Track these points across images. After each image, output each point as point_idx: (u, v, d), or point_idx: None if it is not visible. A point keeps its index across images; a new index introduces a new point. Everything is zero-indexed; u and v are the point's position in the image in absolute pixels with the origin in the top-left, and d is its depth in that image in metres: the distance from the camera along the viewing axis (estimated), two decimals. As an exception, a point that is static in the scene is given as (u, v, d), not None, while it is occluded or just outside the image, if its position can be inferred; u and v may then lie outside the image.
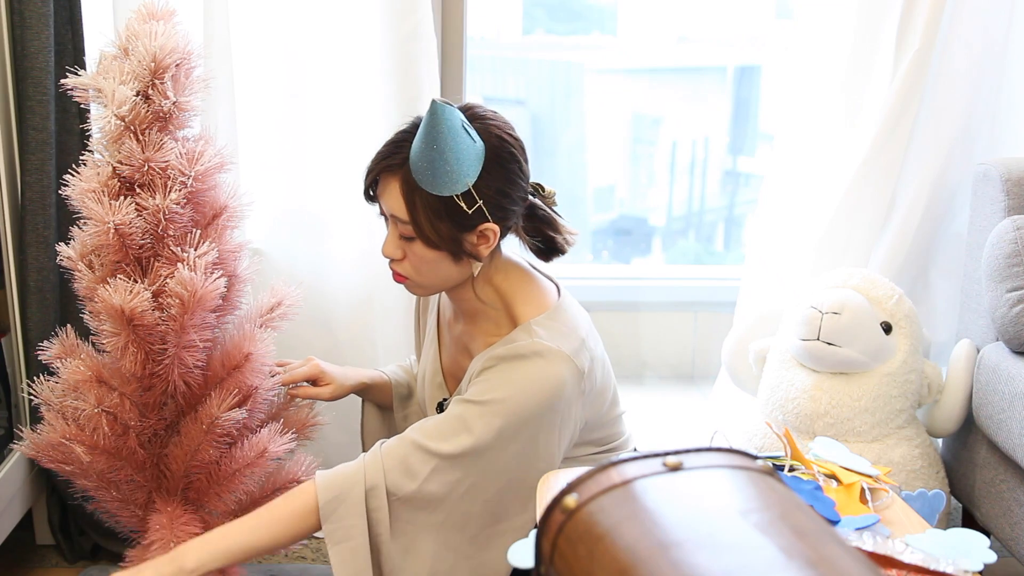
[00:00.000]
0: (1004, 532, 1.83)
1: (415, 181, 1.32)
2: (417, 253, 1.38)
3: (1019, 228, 1.81)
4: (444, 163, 1.30)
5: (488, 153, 1.34)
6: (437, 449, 1.36)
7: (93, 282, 1.45)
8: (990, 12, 2.04)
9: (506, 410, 1.34)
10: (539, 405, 1.35)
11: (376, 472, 1.37)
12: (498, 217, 1.36)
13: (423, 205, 1.33)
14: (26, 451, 1.54)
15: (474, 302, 1.45)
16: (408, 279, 1.43)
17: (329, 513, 1.34)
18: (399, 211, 1.36)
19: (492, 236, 1.37)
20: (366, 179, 1.41)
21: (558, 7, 3.11)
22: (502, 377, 1.36)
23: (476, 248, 1.38)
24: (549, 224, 1.48)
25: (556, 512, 0.69)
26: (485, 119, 1.37)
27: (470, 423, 1.35)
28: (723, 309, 2.47)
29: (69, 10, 1.77)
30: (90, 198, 1.41)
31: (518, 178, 1.38)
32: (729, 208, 3.33)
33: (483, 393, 1.36)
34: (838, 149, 2.09)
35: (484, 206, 1.34)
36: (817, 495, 1.29)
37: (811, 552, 0.61)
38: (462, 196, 1.32)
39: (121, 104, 1.39)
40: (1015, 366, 1.76)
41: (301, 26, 1.94)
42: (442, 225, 1.34)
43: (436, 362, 1.57)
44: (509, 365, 1.36)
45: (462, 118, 1.33)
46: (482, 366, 1.39)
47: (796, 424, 1.92)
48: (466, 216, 1.33)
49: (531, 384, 1.35)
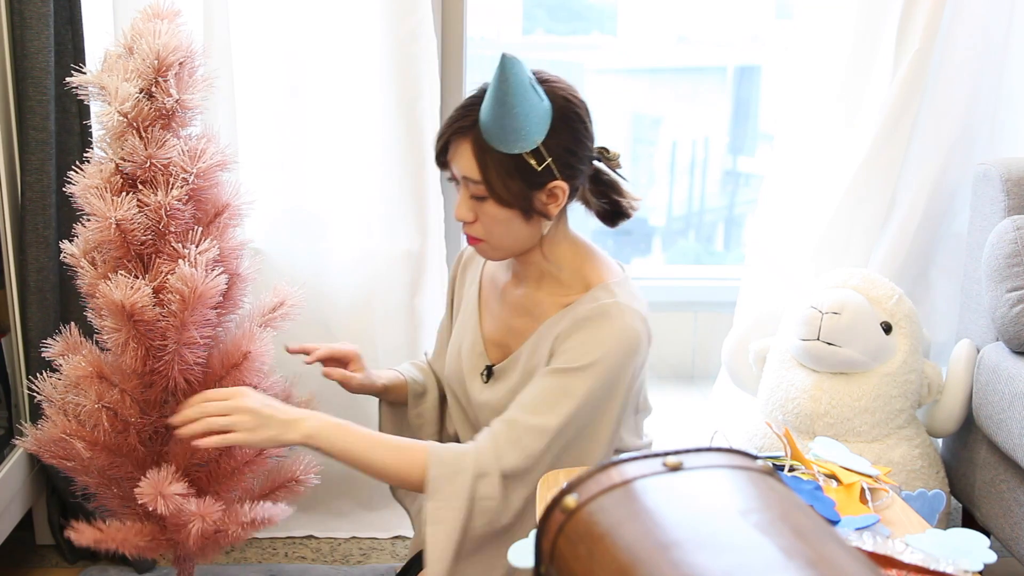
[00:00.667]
0: (1004, 532, 1.83)
1: (486, 141, 1.36)
2: (489, 213, 1.41)
3: (1019, 228, 1.81)
4: (513, 120, 1.34)
5: (555, 113, 1.38)
6: (547, 424, 1.38)
7: (95, 278, 1.46)
8: (990, 12, 2.04)
9: (599, 369, 1.39)
10: (625, 357, 1.40)
11: (489, 460, 1.38)
12: (566, 175, 1.40)
13: (494, 164, 1.37)
14: (27, 447, 1.54)
15: (543, 264, 1.48)
16: (482, 241, 1.45)
17: (435, 491, 1.36)
18: (471, 172, 1.39)
19: (561, 194, 1.41)
20: (437, 144, 1.44)
21: (558, 7, 3.11)
22: (591, 338, 1.40)
23: (546, 207, 1.41)
24: (614, 188, 1.51)
25: (556, 512, 0.69)
26: (550, 82, 1.41)
27: (570, 389, 1.39)
28: (723, 309, 2.48)
29: (69, 10, 1.77)
30: (93, 194, 1.42)
31: (584, 138, 1.42)
32: (729, 208, 3.32)
33: (576, 357, 1.40)
34: (838, 149, 2.09)
35: (553, 164, 1.37)
36: (817, 495, 1.29)
37: (811, 552, 0.61)
38: (531, 154, 1.36)
39: (124, 101, 1.40)
40: (1015, 366, 1.76)
41: (301, 26, 1.95)
42: (513, 183, 1.37)
43: (476, 332, 1.58)
44: (596, 324, 1.40)
45: (530, 75, 1.37)
46: (569, 329, 1.42)
47: (796, 424, 1.92)
48: (536, 174, 1.37)
49: (617, 339, 1.40)
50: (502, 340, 1.55)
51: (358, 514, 2.16)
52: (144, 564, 1.96)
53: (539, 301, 1.50)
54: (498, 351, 1.56)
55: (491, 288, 1.60)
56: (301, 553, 2.07)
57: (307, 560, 2.05)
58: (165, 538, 1.55)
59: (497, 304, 1.57)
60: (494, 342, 1.57)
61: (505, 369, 1.52)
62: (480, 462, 1.38)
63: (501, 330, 1.56)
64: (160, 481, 1.43)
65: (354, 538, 2.14)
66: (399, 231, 2.05)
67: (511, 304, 1.55)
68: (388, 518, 2.15)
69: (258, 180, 1.99)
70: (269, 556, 2.05)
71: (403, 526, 2.15)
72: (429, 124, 2.00)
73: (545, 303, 1.49)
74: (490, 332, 1.58)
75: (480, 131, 1.37)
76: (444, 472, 1.36)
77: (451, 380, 1.63)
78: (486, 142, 1.36)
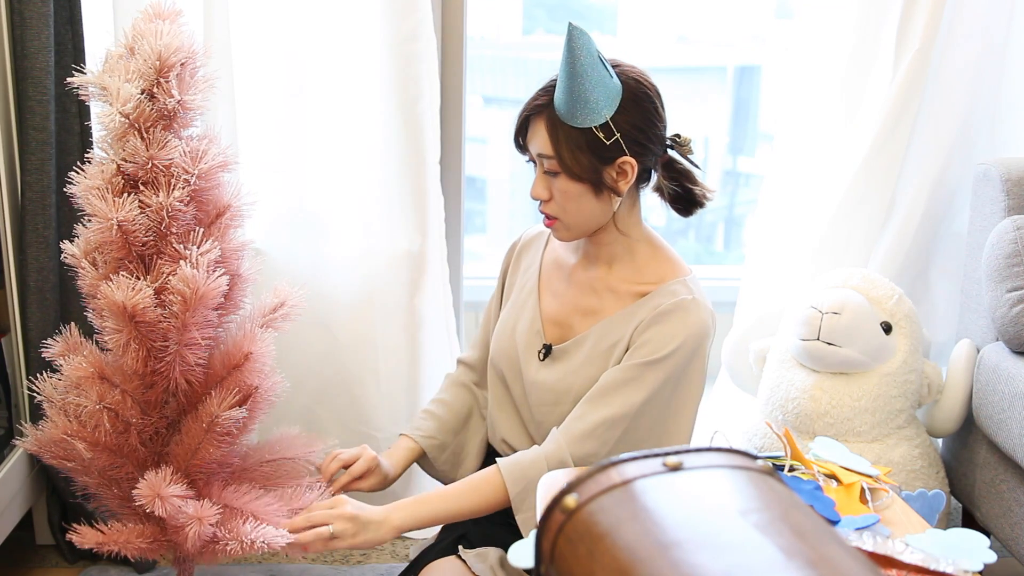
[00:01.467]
0: (1004, 532, 1.83)
1: (558, 117, 1.43)
2: (561, 188, 1.46)
3: (1019, 228, 1.81)
4: (583, 93, 1.39)
5: (625, 92, 1.43)
6: (620, 413, 1.44)
7: (96, 279, 1.46)
8: (990, 12, 2.04)
9: (673, 362, 1.45)
10: (697, 350, 1.47)
11: (562, 455, 1.44)
12: (635, 152, 1.44)
13: (565, 138, 1.43)
14: (28, 447, 1.54)
15: (615, 247, 1.53)
16: (557, 219, 1.50)
17: (520, 503, 1.43)
18: (544, 147, 1.44)
19: (631, 171, 1.45)
20: (516, 125, 1.50)
21: (558, 7, 3.11)
22: (670, 330, 1.45)
23: (616, 183, 1.45)
24: (687, 177, 1.55)
25: (556, 512, 0.69)
26: (621, 64, 1.47)
27: (644, 380, 1.45)
28: (723, 309, 2.47)
29: (69, 10, 1.77)
30: (94, 195, 1.42)
31: (654, 119, 1.47)
32: (729, 208, 3.33)
33: (655, 349, 1.45)
34: (838, 149, 2.09)
35: (622, 139, 1.42)
36: (817, 495, 1.29)
37: (811, 552, 0.61)
38: (600, 128, 1.41)
39: (126, 102, 1.40)
40: (1015, 366, 1.76)
41: (301, 26, 1.95)
42: (583, 156, 1.43)
43: (535, 311, 1.60)
44: (675, 317, 1.46)
45: (598, 49, 1.42)
46: (649, 320, 1.47)
47: (796, 424, 1.92)
48: (605, 148, 1.42)
49: (692, 334, 1.46)
50: (565, 320, 1.57)
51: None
52: (144, 564, 1.96)
53: (610, 284, 1.54)
54: (557, 331, 1.57)
55: (554, 269, 1.62)
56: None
57: (307, 560, 2.05)
58: (165, 539, 1.55)
59: (563, 284, 1.59)
60: (554, 321, 1.58)
61: (567, 350, 1.54)
62: (552, 460, 1.44)
63: (565, 310, 1.58)
64: (158, 483, 1.43)
65: (354, 538, 2.14)
66: (399, 231, 2.05)
67: (579, 284, 1.57)
68: (388, 518, 2.15)
69: (258, 180, 1.99)
70: (269, 556, 2.05)
71: (403, 526, 2.15)
72: (429, 124, 2.00)
73: (618, 287, 1.53)
74: (551, 312, 1.59)
75: (554, 108, 1.43)
76: (523, 486, 1.43)
77: (499, 361, 1.63)
78: (559, 118, 1.43)
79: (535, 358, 1.56)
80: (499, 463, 1.45)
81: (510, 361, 1.59)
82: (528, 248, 1.67)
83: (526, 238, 1.69)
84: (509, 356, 1.60)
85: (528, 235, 1.69)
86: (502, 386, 1.62)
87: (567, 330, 1.56)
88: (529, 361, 1.57)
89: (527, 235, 1.69)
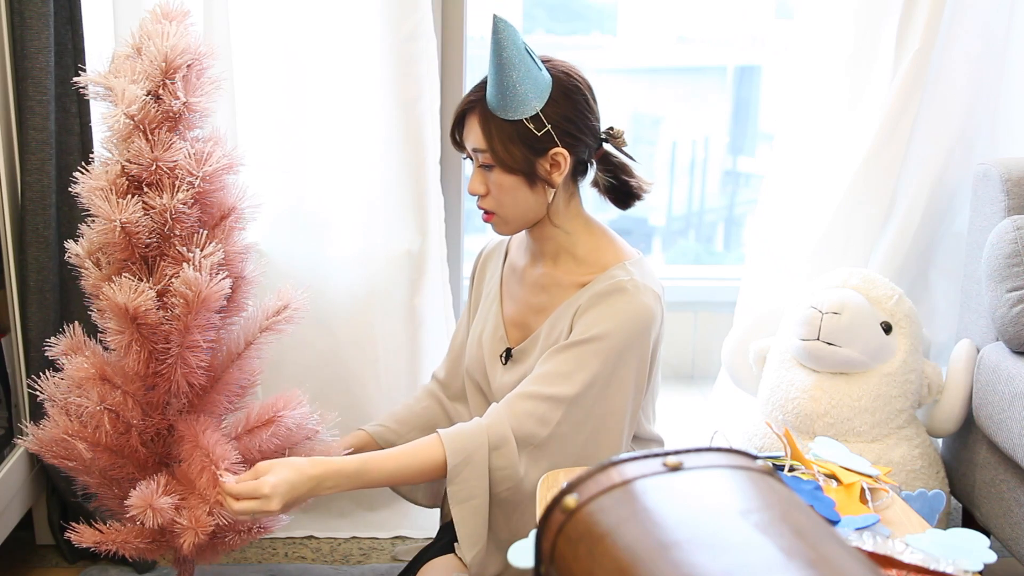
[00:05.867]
0: (1004, 532, 1.83)
1: (490, 111, 1.46)
2: (496, 182, 1.49)
3: (1019, 228, 1.81)
4: (511, 84, 1.43)
5: (555, 84, 1.46)
6: (563, 393, 1.44)
7: (99, 280, 1.46)
8: (990, 12, 2.04)
9: (611, 343, 1.45)
10: (638, 333, 1.47)
11: (501, 433, 1.44)
12: (567, 143, 1.47)
13: (497, 130, 1.46)
14: (29, 446, 1.54)
15: (558, 241, 1.55)
16: (494, 214, 1.53)
17: (455, 475, 1.43)
18: (478, 141, 1.48)
19: (564, 162, 1.47)
20: (452, 123, 1.54)
21: (558, 7, 3.11)
22: (606, 312, 1.46)
23: (549, 174, 1.48)
24: (623, 170, 1.57)
25: (556, 512, 0.69)
26: (551, 59, 1.51)
27: (584, 360, 1.45)
28: (723, 309, 2.48)
29: (69, 10, 1.77)
30: (98, 196, 1.42)
31: (585, 110, 1.49)
32: (729, 208, 3.33)
33: (589, 329, 1.46)
34: (838, 149, 2.09)
35: (552, 130, 1.45)
36: (817, 495, 1.29)
37: (811, 552, 0.61)
38: (531, 120, 1.45)
39: (131, 103, 1.40)
40: (1015, 366, 1.76)
41: (301, 26, 1.94)
42: (515, 148, 1.46)
43: (498, 316, 1.63)
44: (611, 299, 1.47)
45: (525, 42, 1.44)
46: (586, 304, 1.48)
47: (796, 424, 1.92)
48: (536, 139, 1.45)
49: (630, 315, 1.46)
50: (522, 321, 1.59)
51: (358, 514, 2.16)
52: (144, 564, 1.96)
53: (556, 278, 1.55)
54: (518, 332, 1.60)
55: (511, 274, 1.65)
56: (301, 553, 2.07)
57: (307, 560, 2.05)
58: (165, 540, 1.55)
59: (518, 286, 1.62)
60: (515, 324, 1.61)
61: (524, 350, 1.56)
62: (493, 435, 1.43)
63: (521, 311, 1.60)
64: (150, 494, 1.43)
65: (354, 538, 2.14)
66: (399, 231, 2.05)
67: (530, 283, 1.59)
68: (388, 518, 2.15)
69: (258, 180, 1.99)
70: (269, 556, 2.05)
71: (403, 526, 2.15)
72: (429, 124, 2.00)
73: (563, 280, 1.54)
74: (511, 315, 1.62)
75: (486, 103, 1.46)
76: (463, 458, 1.43)
77: (472, 370, 1.66)
78: (490, 112, 1.46)
79: (499, 363, 1.60)
80: (440, 432, 1.45)
81: (481, 369, 1.64)
82: (491, 257, 1.71)
83: (489, 248, 1.73)
84: (480, 364, 1.64)
85: (491, 245, 1.72)
86: (480, 395, 1.66)
87: (526, 331, 1.59)
88: (494, 366, 1.61)
89: (490, 245, 1.73)
